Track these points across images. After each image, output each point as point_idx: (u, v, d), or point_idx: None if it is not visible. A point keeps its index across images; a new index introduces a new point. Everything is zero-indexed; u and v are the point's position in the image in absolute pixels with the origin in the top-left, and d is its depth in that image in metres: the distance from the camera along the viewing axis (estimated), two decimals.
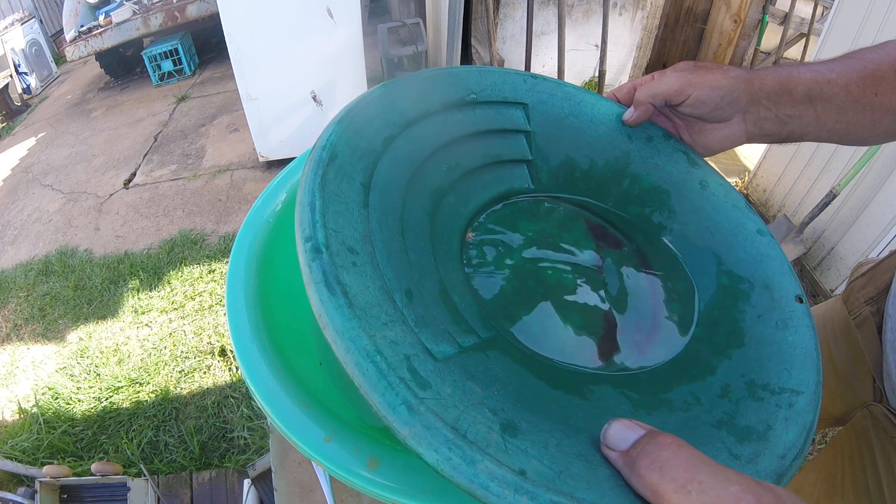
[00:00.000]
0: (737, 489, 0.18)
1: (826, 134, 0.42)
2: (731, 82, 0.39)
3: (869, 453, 0.52)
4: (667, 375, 0.33)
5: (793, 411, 0.29)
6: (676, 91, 0.40)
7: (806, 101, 0.40)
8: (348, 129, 0.32)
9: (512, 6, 2.73)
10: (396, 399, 0.22)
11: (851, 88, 0.40)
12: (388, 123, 0.35)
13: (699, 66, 0.41)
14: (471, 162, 0.39)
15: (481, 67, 0.42)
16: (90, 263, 2.35)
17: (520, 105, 0.42)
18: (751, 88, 0.40)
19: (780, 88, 0.40)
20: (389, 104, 0.36)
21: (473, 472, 0.20)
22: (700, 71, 0.40)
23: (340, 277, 0.25)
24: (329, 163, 0.29)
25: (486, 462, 0.20)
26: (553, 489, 0.20)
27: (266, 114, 2.44)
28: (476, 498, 0.20)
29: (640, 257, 0.41)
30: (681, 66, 0.41)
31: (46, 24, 5.46)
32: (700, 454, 0.20)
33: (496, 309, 0.35)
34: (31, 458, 1.54)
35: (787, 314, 0.35)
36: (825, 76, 0.40)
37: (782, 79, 0.40)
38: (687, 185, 0.42)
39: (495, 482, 0.20)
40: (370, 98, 0.36)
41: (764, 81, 0.40)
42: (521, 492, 0.20)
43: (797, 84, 0.40)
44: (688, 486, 0.18)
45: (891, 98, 0.40)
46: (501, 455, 0.21)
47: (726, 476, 0.19)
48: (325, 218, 0.26)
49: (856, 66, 0.41)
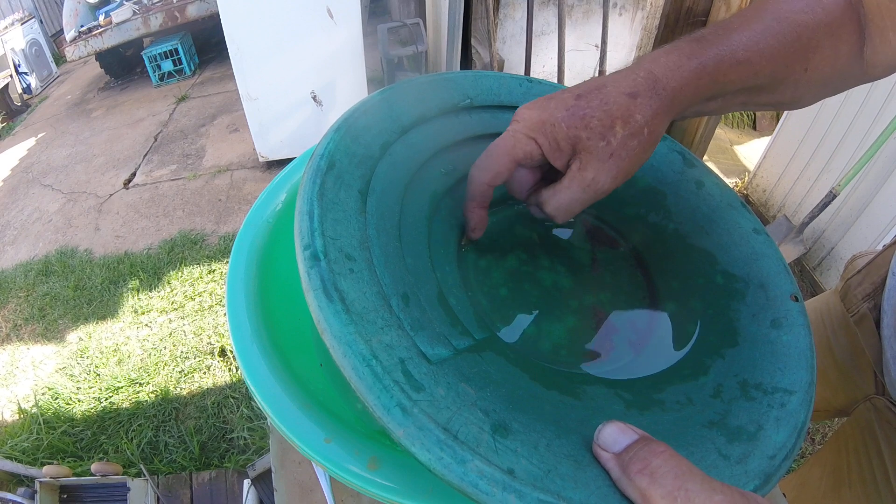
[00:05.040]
0: (720, 498, 0.19)
1: (723, 112, 0.37)
2: (657, 135, 0.32)
3: (874, 445, 0.52)
4: (660, 375, 0.33)
5: (784, 411, 0.29)
6: (609, 190, 0.33)
7: (719, 97, 0.34)
8: (346, 137, 0.33)
9: (512, 6, 2.73)
10: (391, 401, 0.22)
11: (778, 71, 0.34)
12: (385, 130, 0.35)
13: (612, 149, 0.31)
14: (467, 166, 0.39)
15: (477, 72, 0.43)
16: (90, 263, 2.35)
17: (516, 109, 0.43)
18: (672, 111, 0.33)
19: (697, 100, 0.33)
20: (387, 110, 0.36)
21: (464, 471, 0.21)
22: (622, 158, 0.31)
23: (338, 284, 0.25)
24: (327, 171, 0.30)
25: (476, 461, 0.21)
26: (541, 488, 0.21)
27: (266, 114, 2.44)
28: (467, 496, 0.21)
29: (636, 257, 0.41)
30: (589, 154, 0.31)
31: (46, 24, 5.46)
32: (690, 464, 0.20)
33: (492, 311, 0.35)
34: (31, 458, 1.54)
35: (782, 313, 0.34)
36: (752, 67, 0.33)
37: (704, 90, 0.33)
38: (682, 185, 0.42)
39: (484, 480, 0.21)
40: (368, 105, 0.36)
41: (684, 103, 0.33)
42: (510, 490, 0.21)
43: (720, 89, 0.33)
44: (674, 493, 0.19)
45: (822, 69, 0.35)
46: (491, 455, 0.22)
47: (712, 486, 0.19)
48: (324, 226, 0.27)
49: (786, 35, 0.33)
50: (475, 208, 0.35)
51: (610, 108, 0.31)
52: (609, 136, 0.31)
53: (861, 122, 1.60)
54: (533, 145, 0.32)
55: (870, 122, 1.56)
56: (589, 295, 0.38)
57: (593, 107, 0.31)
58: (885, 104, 1.51)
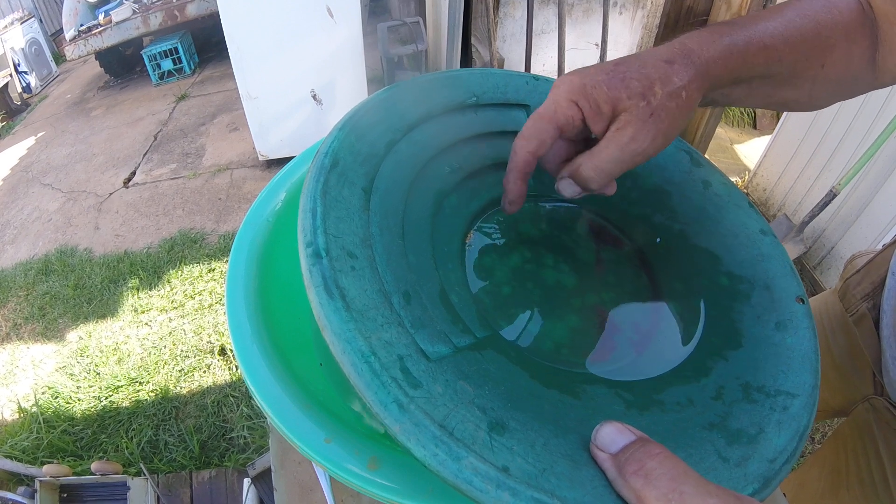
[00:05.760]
0: (714, 502, 0.19)
1: (747, 104, 0.38)
2: (693, 100, 0.32)
3: (872, 446, 0.52)
4: (661, 376, 0.33)
5: (787, 414, 0.28)
6: (652, 154, 0.32)
7: (745, 81, 0.35)
8: (350, 135, 0.33)
9: (512, 5, 2.72)
10: (388, 397, 0.23)
11: (799, 63, 0.35)
12: (390, 128, 0.35)
13: (652, 109, 0.31)
14: (473, 164, 0.39)
15: (483, 70, 0.42)
16: (90, 262, 2.35)
17: (522, 107, 0.42)
18: (706, 82, 0.33)
19: (727, 79, 0.34)
20: (391, 108, 0.36)
21: (458, 468, 0.21)
22: (661, 119, 0.31)
23: (339, 282, 0.25)
24: (331, 169, 0.30)
25: (470, 458, 0.21)
26: (535, 486, 0.21)
27: (266, 113, 2.43)
28: (462, 493, 0.21)
29: (640, 257, 0.41)
30: (629, 114, 0.31)
31: (46, 24, 5.45)
32: (687, 467, 0.20)
33: (494, 309, 0.35)
34: (31, 457, 1.54)
35: (787, 315, 0.34)
36: (777, 52, 0.34)
37: (733, 68, 0.33)
38: (689, 185, 0.42)
39: (479, 478, 0.21)
40: (372, 103, 0.36)
41: (715, 77, 0.33)
42: (504, 487, 0.21)
43: (747, 70, 0.34)
44: (668, 496, 0.19)
45: (837, 69, 0.36)
46: (486, 452, 0.22)
47: (707, 489, 0.19)
48: (326, 224, 0.27)
49: (808, 30, 0.34)
50: (516, 180, 0.34)
51: (648, 71, 0.31)
52: (649, 95, 0.31)
53: (861, 122, 1.60)
54: (574, 109, 0.32)
55: (870, 122, 1.56)
56: (592, 294, 0.38)
57: (633, 70, 0.31)
58: (885, 104, 1.51)
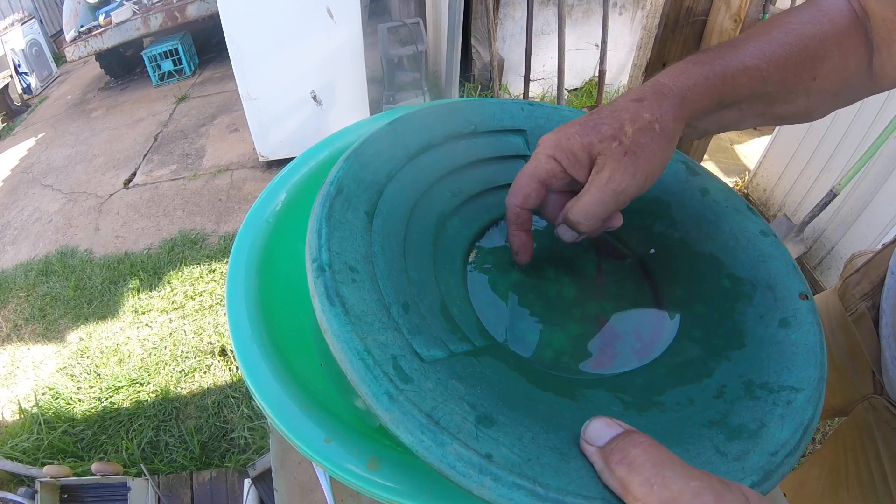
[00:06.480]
0: (696, 484, 0.19)
1: (744, 126, 0.38)
2: (670, 132, 0.32)
3: (872, 446, 0.52)
4: (662, 378, 0.33)
5: (790, 409, 0.28)
6: (636, 192, 0.32)
7: (734, 104, 0.35)
8: (355, 164, 0.35)
9: (512, 6, 2.72)
10: (379, 389, 0.24)
11: (788, 79, 0.35)
12: (393, 157, 0.38)
13: (625, 147, 0.31)
14: (474, 187, 0.42)
15: (479, 99, 0.45)
16: (90, 263, 2.35)
17: (519, 132, 0.45)
18: (683, 110, 0.33)
19: (711, 104, 0.34)
20: (394, 139, 0.39)
21: (442, 453, 0.22)
22: (637, 155, 0.31)
23: (340, 291, 0.28)
24: (336, 195, 0.33)
25: (454, 445, 0.22)
26: (517, 473, 0.22)
27: (266, 114, 2.44)
28: (446, 477, 0.22)
29: (641, 267, 0.41)
30: (604, 156, 0.32)
31: (46, 25, 5.46)
32: (671, 454, 0.21)
33: (494, 319, 0.35)
34: (32, 458, 1.54)
35: (791, 312, 0.34)
36: (761, 73, 0.34)
37: (715, 93, 0.34)
38: (687, 193, 0.42)
39: (462, 462, 0.22)
40: (376, 135, 0.38)
41: (695, 104, 0.34)
42: (486, 473, 0.22)
43: (731, 94, 0.34)
44: (651, 481, 0.20)
45: (831, 79, 0.36)
46: (471, 441, 0.23)
47: (690, 473, 0.20)
48: (331, 242, 0.30)
49: (793, 46, 0.34)
50: (515, 231, 0.37)
51: (618, 113, 0.33)
52: (620, 135, 0.32)
53: (861, 122, 1.60)
54: (553, 163, 0.34)
55: (870, 122, 1.56)
56: (593, 304, 0.38)
57: (604, 116, 0.33)
58: (885, 104, 1.51)
